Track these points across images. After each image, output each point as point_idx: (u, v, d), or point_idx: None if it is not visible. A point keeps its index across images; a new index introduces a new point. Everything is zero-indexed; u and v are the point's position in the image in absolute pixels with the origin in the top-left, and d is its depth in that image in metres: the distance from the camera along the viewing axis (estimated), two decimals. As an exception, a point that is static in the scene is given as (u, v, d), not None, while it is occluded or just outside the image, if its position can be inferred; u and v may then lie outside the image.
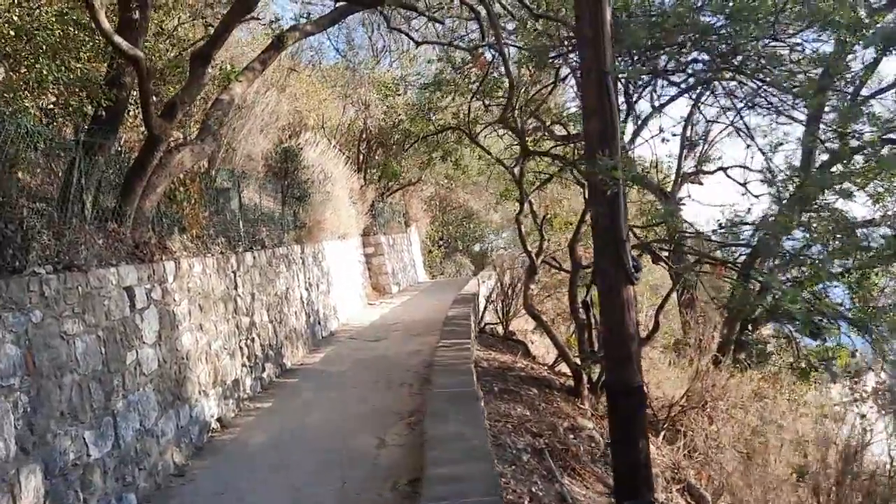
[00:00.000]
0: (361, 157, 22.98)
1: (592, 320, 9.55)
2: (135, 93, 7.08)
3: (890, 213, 10.02)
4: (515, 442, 7.22)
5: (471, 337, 9.47)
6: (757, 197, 13.30)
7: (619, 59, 5.51)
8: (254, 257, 10.31)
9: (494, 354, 11.35)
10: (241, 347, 9.05)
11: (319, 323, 13.82)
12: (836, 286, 11.83)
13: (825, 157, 12.39)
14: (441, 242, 34.37)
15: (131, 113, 7.86)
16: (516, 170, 10.73)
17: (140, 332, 6.33)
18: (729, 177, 13.69)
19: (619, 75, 5.85)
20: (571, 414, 8.84)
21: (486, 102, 11.71)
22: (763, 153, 8.27)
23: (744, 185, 13.46)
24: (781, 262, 8.56)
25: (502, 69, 11.07)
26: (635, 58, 6.22)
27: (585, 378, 9.58)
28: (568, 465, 7.31)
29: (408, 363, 10.82)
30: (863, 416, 10.46)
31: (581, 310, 9.79)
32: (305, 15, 9.93)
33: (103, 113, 6.38)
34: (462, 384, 6.36)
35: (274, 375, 10.27)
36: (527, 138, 12.78)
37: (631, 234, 11.69)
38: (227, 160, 12.85)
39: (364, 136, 22.88)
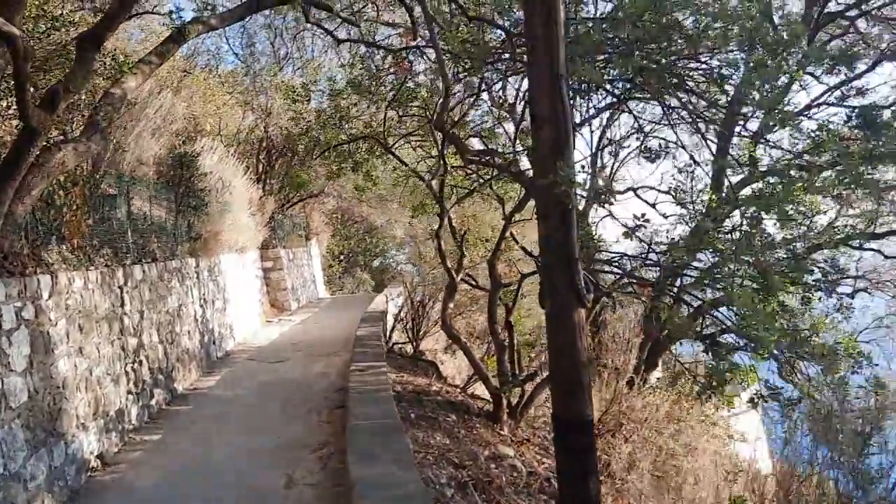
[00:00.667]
0: (261, 166, 21.96)
1: (514, 341, 9.17)
2: (8, 81, 6.13)
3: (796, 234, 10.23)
4: (438, 475, 6.67)
5: (384, 359, 8.87)
6: (665, 217, 13.50)
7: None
8: (143, 271, 9.32)
9: (407, 377, 10.77)
10: (126, 372, 8.06)
11: (215, 342, 12.80)
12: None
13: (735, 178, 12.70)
14: (342, 257, 33.48)
15: (3, 103, 6.83)
16: (434, 182, 10.26)
17: (7, 357, 5.37)
18: (639, 197, 13.81)
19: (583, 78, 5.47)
20: (491, 441, 8.39)
21: (400, 113, 11.20)
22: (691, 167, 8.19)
23: (653, 205, 13.64)
24: (698, 281, 8.48)
25: (419, 79, 10.63)
26: (586, 63, 5.93)
27: (505, 402, 9.17)
28: (492, 498, 6.83)
29: (315, 387, 10.07)
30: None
31: (503, 331, 9.39)
32: (209, 7, 9.15)
33: (-33, 99, 5.41)
34: (384, 414, 5.77)
35: (164, 402, 9.27)
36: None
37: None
38: (114, 163, 11.70)
39: (264, 144, 21.89)
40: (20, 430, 5.40)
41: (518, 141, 9.30)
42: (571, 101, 7.31)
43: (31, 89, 5.67)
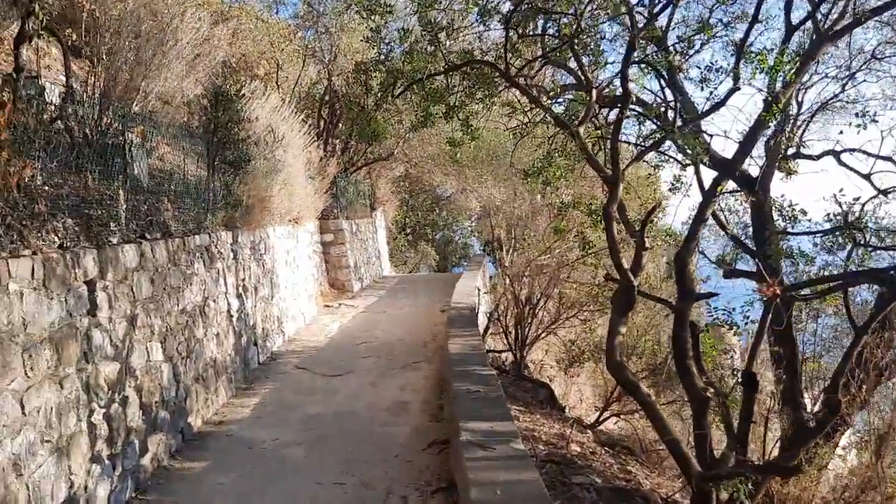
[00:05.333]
0: (323, 123, 18.72)
1: (755, 400, 5.56)
2: None
3: None
4: None
5: (509, 412, 5.48)
6: (885, 194, 9.62)
7: None
8: (142, 253, 6.08)
9: (526, 418, 7.37)
10: (91, 425, 4.85)
11: (256, 343, 9.63)
12: None
13: None
14: (408, 230, 30.30)
15: None
16: (582, 130, 6.67)
17: None
18: (843, 163, 9.93)
19: None
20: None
21: (520, 32, 7.65)
22: None
23: (867, 176, 9.77)
24: None
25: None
26: None
27: (714, 497, 5.59)
28: None
29: (391, 433, 6.75)
30: None
31: (703, 376, 5.72)
32: None
33: None
34: None
35: (167, 453, 6.09)
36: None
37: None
38: (122, 99, 8.52)
39: (328, 98, 18.63)
40: None
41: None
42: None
43: None
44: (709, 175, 7.10)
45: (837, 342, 11.09)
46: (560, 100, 9.55)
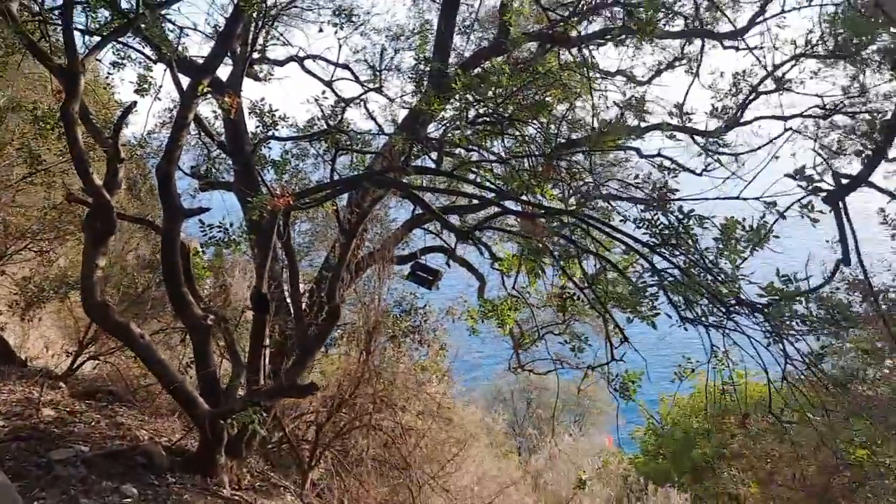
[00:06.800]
0: None
1: (266, 324, 4.89)
2: None
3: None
4: None
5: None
6: (346, 104, 10.09)
7: None
8: None
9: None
10: None
11: None
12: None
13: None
14: None
15: None
16: (15, 7, 4.82)
17: None
18: (307, 70, 10.03)
19: None
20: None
21: None
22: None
23: (329, 83, 10.09)
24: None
25: None
26: None
27: (226, 434, 4.88)
28: None
29: None
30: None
31: (217, 300, 4.85)
32: None
33: None
34: None
35: None
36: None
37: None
38: None
39: None
40: None
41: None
42: None
43: None
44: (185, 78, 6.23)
45: (309, 248, 11.70)
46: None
